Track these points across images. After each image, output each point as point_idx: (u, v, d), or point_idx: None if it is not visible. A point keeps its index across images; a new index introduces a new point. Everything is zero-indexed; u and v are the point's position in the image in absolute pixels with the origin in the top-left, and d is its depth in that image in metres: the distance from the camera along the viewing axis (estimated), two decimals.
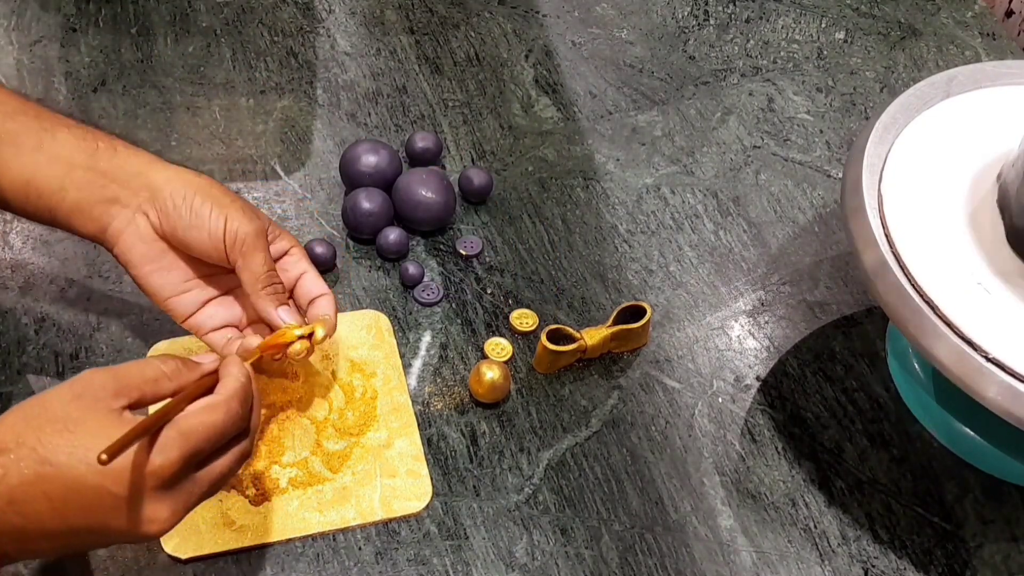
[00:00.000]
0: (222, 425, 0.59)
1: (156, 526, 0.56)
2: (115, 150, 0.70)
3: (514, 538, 0.74)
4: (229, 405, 0.60)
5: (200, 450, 0.58)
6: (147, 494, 0.55)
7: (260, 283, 0.71)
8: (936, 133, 0.80)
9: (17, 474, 0.53)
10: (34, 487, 0.53)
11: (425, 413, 0.80)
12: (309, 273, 0.75)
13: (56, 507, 0.54)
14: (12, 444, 0.54)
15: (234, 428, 0.60)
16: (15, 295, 0.84)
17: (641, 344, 0.86)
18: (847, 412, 0.84)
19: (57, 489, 0.54)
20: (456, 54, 1.08)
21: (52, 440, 0.54)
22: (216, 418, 0.58)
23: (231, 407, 0.60)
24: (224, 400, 0.60)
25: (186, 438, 0.56)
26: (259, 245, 0.71)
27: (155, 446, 0.56)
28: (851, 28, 1.16)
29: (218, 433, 0.58)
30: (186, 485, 0.57)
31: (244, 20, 1.09)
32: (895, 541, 0.77)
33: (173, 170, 0.71)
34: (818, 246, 0.95)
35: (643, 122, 1.04)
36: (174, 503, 0.56)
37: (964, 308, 0.69)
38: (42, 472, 0.53)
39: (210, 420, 0.58)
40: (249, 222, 0.70)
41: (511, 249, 0.92)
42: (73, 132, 0.70)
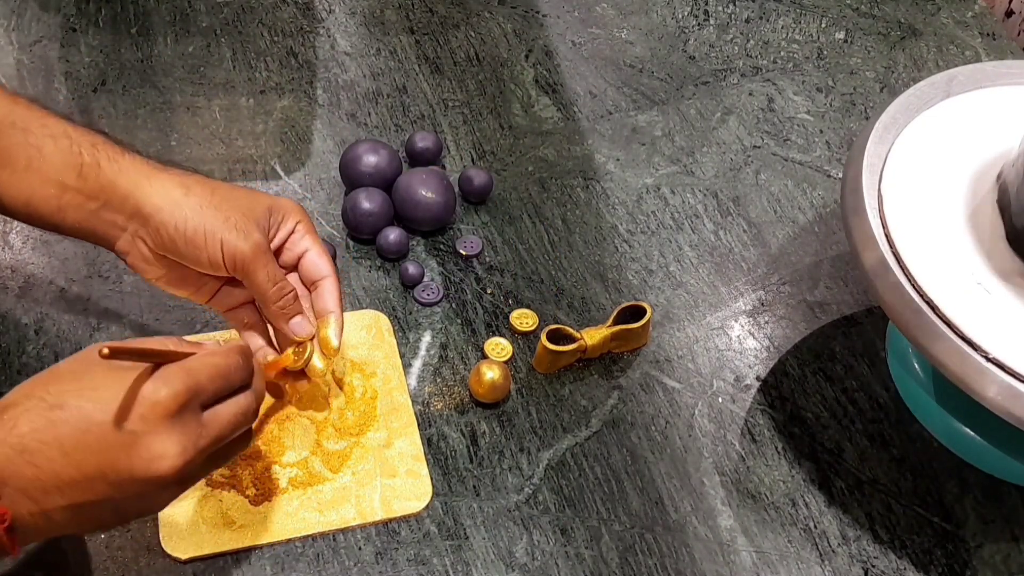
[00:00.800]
0: (224, 367, 0.59)
1: (167, 462, 0.56)
2: (99, 165, 0.68)
3: (514, 538, 0.74)
4: (230, 354, 0.61)
5: (203, 387, 0.58)
6: (154, 426, 0.55)
7: (269, 301, 0.71)
8: (936, 133, 0.80)
9: (27, 422, 0.54)
10: (45, 432, 0.54)
11: (425, 413, 0.80)
12: (311, 251, 0.74)
13: (67, 451, 0.54)
14: (21, 398, 0.55)
15: (237, 376, 0.61)
16: (15, 295, 0.84)
17: (641, 344, 0.86)
18: (847, 412, 0.84)
19: (68, 431, 0.54)
20: (456, 54, 1.08)
21: (61, 387, 0.55)
22: (217, 360, 0.59)
23: (232, 355, 0.61)
24: (225, 349, 0.61)
25: (189, 373, 0.57)
26: (259, 262, 0.70)
27: (158, 376, 0.56)
28: (851, 28, 1.16)
29: (220, 374, 0.59)
30: (193, 424, 0.57)
31: (244, 20, 1.09)
32: (895, 541, 0.77)
33: (159, 189, 0.68)
34: (818, 246, 0.95)
35: (643, 122, 1.04)
36: (181, 438, 0.56)
37: (964, 308, 0.69)
38: (52, 416, 0.54)
39: (212, 361, 0.59)
40: (245, 240, 0.69)
41: (511, 249, 0.92)
42: (59, 145, 0.68)
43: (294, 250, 0.74)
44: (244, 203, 0.71)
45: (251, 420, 0.62)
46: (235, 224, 0.69)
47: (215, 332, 0.82)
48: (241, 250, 0.68)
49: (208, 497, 0.73)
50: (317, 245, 0.74)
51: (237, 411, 0.60)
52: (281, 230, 0.73)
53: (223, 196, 0.70)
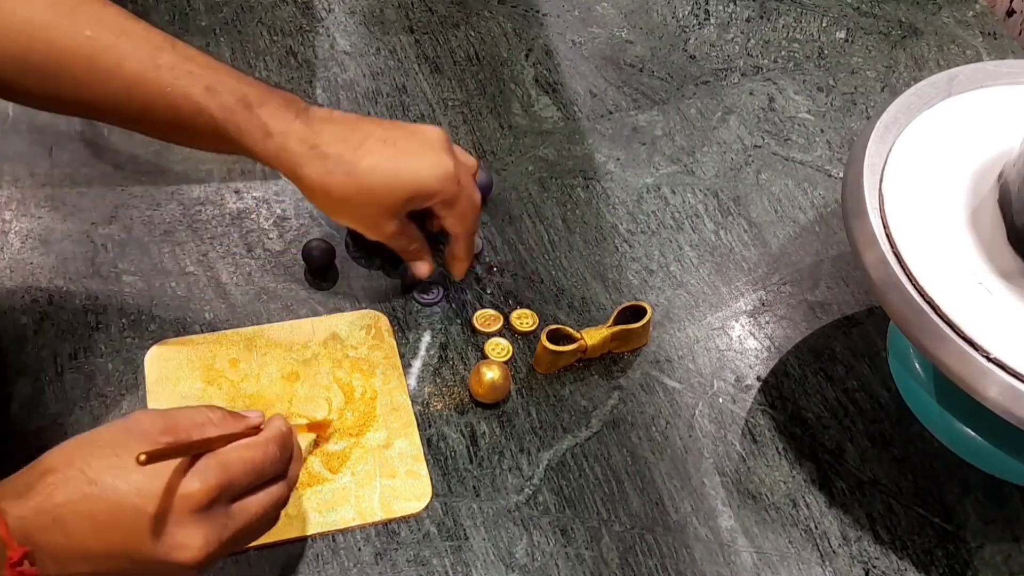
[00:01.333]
0: (260, 461, 0.61)
1: (188, 553, 0.57)
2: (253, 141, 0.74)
3: (514, 539, 0.74)
4: (268, 445, 0.62)
5: (236, 482, 0.59)
6: (182, 518, 0.57)
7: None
8: (937, 133, 0.80)
9: (64, 493, 0.55)
10: (79, 505, 0.55)
11: (425, 413, 0.80)
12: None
13: (98, 527, 0.56)
14: (62, 465, 0.56)
15: (271, 469, 0.62)
16: (15, 295, 0.84)
17: (641, 344, 0.86)
18: (848, 412, 0.84)
19: (101, 509, 0.56)
20: (456, 54, 1.08)
21: (99, 463, 0.56)
22: (255, 454, 0.61)
23: (270, 448, 0.62)
24: (264, 440, 0.62)
25: (224, 467, 0.59)
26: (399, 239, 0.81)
27: (193, 471, 0.58)
28: (852, 27, 1.16)
29: (255, 469, 0.61)
30: (220, 517, 0.59)
31: (244, 19, 1.09)
32: (896, 542, 0.77)
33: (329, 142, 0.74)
34: (819, 246, 0.95)
35: (643, 122, 1.04)
36: (207, 531, 0.58)
37: (965, 308, 0.69)
38: (88, 492, 0.56)
39: (248, 455, 0.61)
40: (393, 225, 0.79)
41: (511, 249, 0.91)
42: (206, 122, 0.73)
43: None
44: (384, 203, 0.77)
45: (281, 508, 0.64)
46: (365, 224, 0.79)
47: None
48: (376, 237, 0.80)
49: None
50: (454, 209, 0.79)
51: (268, 503, 0.62)
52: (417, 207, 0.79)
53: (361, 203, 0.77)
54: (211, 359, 0.80)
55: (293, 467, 0.65)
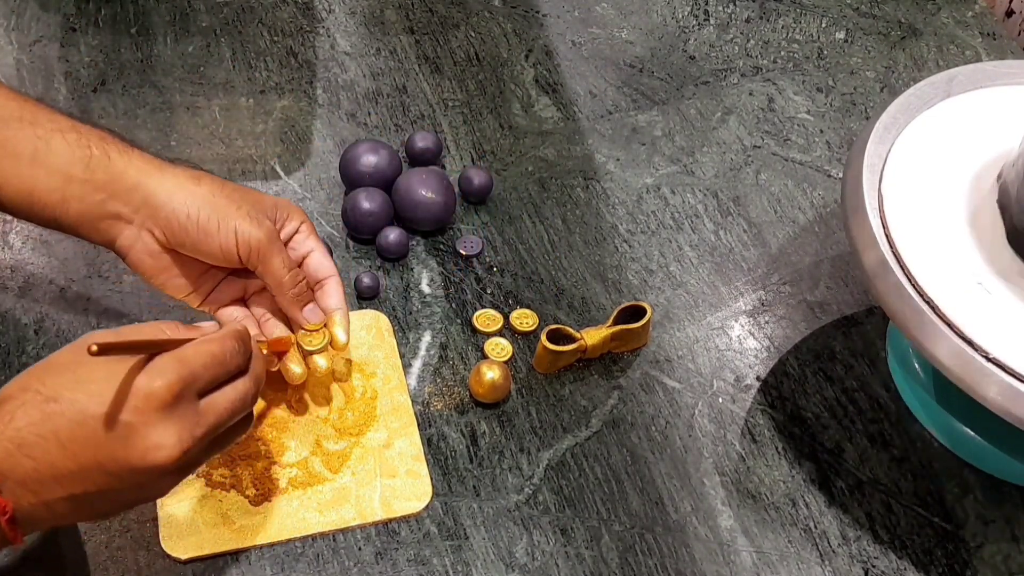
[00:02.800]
0: (219, 354, 0.59)
1: (163, 452, 0.56)
2: (108, 157, 0.68)
3: (514, 538, 0.74)
4: (224, 340, 0.60)
5: (198, 375, 0.58)
6: (149, 416, 0.55)
7: (285, 287, 0.72)
8: (936, 133, 0.80)
9: (24, 415, 0.54)
10: (42, 426, 0.54)
11: (425, 413, 0.80)
12: (315, 252, 0.75)
13: (64, 443, 0.54)
14: (17, 391, 0.55)
15: (233, 361, 0.60)
16: (15, 295, 0.84)
17: (641, 344, 0.86)
18: (847, 412, 0.84)
19: (63, 424, 0.54)
20: (456, 54, 1.08)
21: (55, 380, 0.55)
22: (212, 347, 0.59)
23: (227, 341, 0.60)
24: (220, 335, 0.61)
25: (182, 362, 0.57)
26: (273, 250, 0.71)
27: (151, 368, 0.56)
28: (851, 28, 1.16)
29: (216, 362, 0.59)
30: (189, 413, 0.57)
31: (244, 20, 1.09)
32: (895, 541, 0.77)
33: (171, 180, 0.69)
34: (818, 246, 0.95)
35: (643, 122, 1.04)
36: (178, 428, 0.56)
37: (964, 308, 0.69)
38: (47, 410, 0.54)
39: (206, 348, 0.59)
40: (259, 227, 0.70)
41: (511, 249, 0.92)
42: (67, 138, 0.68)
43: (299, 250, 0.74)
44: (252, 196, 0.72)
45: (250, 405, 0.62)
46: (247, 212, 0.70)
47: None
48: (256, 236, 0.69)
49: (208, 497, 0.73)
50: (321, 246, 0.75)
51: (235, 397, 0.60)
52: (286, 227, 0.74)
53: (233, 188, 0.71)
54: None
55: (256, 363, 0.63)
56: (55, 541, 0.71)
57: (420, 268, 0.89)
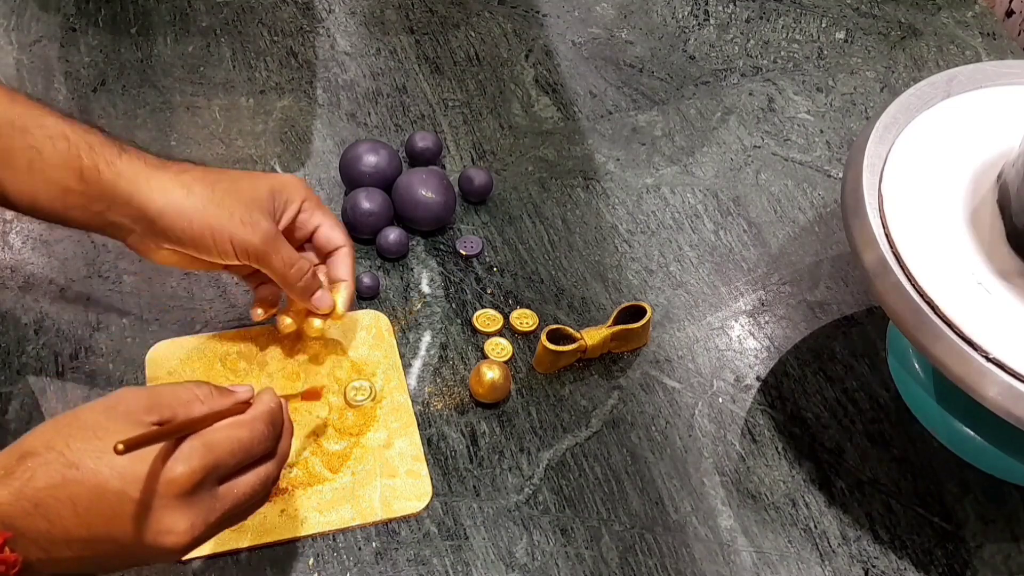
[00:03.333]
0: (247, 441, 0.59)
1: (174, 538, 0.56)
2: (98, 169, 0.67)
3: (514, 538, 0.74)
4: (255, 424, 0.60)
5: (222, 463, 0.58)
6: (166, 502, 0.55)
7: (290, 282, 0.73)
8: (936, 133, 0.80)
9: (44, 476, 0.54)
10: (60, 490, 0.54)
11: (425, 413, 0.80)
12: (324, 225, 0.76)
13: (80, 512, 0.54)
14: (41, 448, 0.55)
15: (260, 447, 0.60)
16: (15, 295, 0.84)
17: (641, 344, 0.86)
18: (847, 412, 0.84)
19: (82, 493, 0.54)
20: (456, 54, 1.08)
21: (80, 445, 0.55)
22: (241, 434, 0.59)
23: (257, 426, 0.60)
24: (251, 419, 0.60)
25: (209, 449, 0.57)
26: (271, 250, 0.71)
27: (176, 454, 0.56)
28: (851, 28, 1.16)
29: (242, 449, 0.59)
30: (206, 499, 0.57)
31: (244, 20, 1.09)
32: (895, 541, 0.77)
33: (159, 193, 0.68)
34: (818, 246, 0.95)
35: (643, 122, 1.04)
36: (193, 515, 0.56)
37: (964, 308, 0.69)
38: (68, 475, 0.54)
39: (235, 435, 0.59)
40: (253, 232, 0.70)
41: (511, 249, 0.92)
42: (57, 148, 0.67)
43: (307, 226, 0.76)
44: (247, 193, 0.71)
45: (270, 487, 0.62)
46: (240, 219, 0.70)
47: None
48: (252, 243, 0.70)
49: None
50: (329, 218, 0.76)
51: (256, 483, 0.60)
52: (288, 210, 0.74)
53: (225, 190, 0.70)
54: (211, 359, 0.80)
55: (284, 442, 0.63)
56: None
57: (420, 268, 0.89)
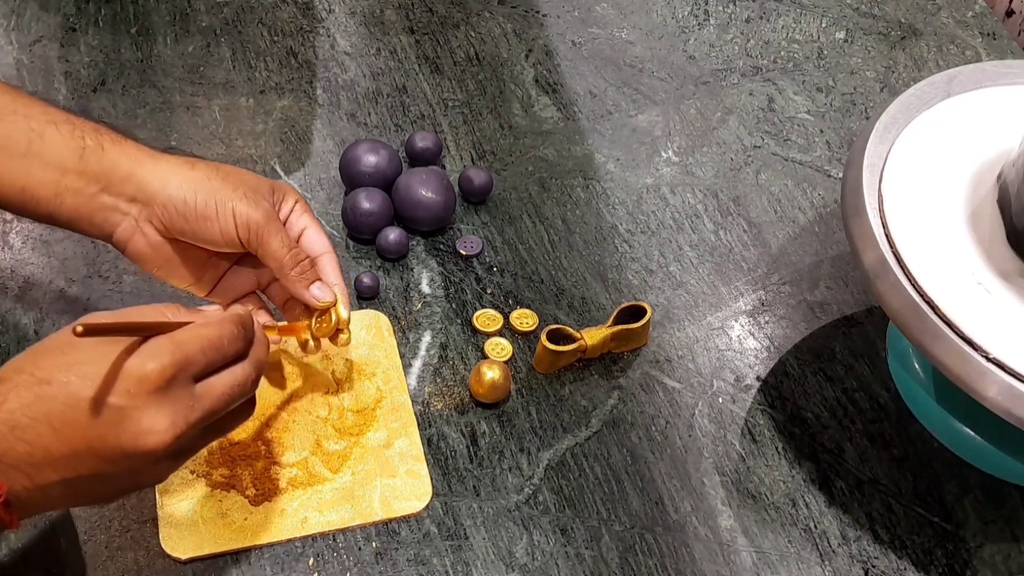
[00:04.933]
0: (216, 338, 0.58)
1: (155, 436, 0.55)
2: (102, 148, 0.68)
3: (514, 538, 0.74)
4: (223, 324, 0.59)
5: (193, 359, 0.57)
6: (141, 400, 0.54)
7: (286, 267, 0.71)
8: (936, 133, 0.80)
9: (17, 398, 0.54)
10: (34, 408, 0.54)
11: (425, 413, 0.80)
12: (309, 229, 0.74)
13: (56, 427, 0.54)
14: (11, 373, 0.55)
15: (231, 347, 0.59)
16: (15, 295, 0.84)
17: (641, 344, 0.86)
18: (847, 412, 0.84)
19: (56, 407, 0.54)
20: (456, 54, 1.08)
21: (48, 362, 0.55)
22: (209, 331, 0.58)
23: (225, 326, 0.59)
24: (219, 319, 0.59)
25: (177, 345, 0.56)
26: (273, 229, 0.70)
27: (144, 350, 0.55)
28: (851, 28, 1.16)
29: (212, 346, 0.58)
30: (183, 397, 0.56)
31: (244, 20, 1.09)
32: (895, 541, 0.77)
33: (164, 167, 0.69)
34: (818, 246, 0.95)
35: (643, 122, 1.04)
36: (171, 412, 0.55)
37: (964, 308, 0.69)
38: (40, 392, 0.54)
39: (203, 332, 0.58)
40: (256, 208, 0.69)
41: (511, 249, 0.92)
42: (61, 129, 0.68)
43: (293, 229, 0.74)
44: (249, 178, 0.71)
45: (249, 391, 0.61)
46: (244, 194, 0.69)
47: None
48: (255, 217, 0.69)
49: (208, 497, 0.73)
50: (315, 224, 0.75)
51: (233, 382, 0.59)
52: (283, 207, 0.73)
53: (227, 172, 0.70)
54: None
55: (257, 348, 0.62)
56: (55, 541, 0.71)
57: (420, 268, 0.89)
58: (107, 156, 0.68)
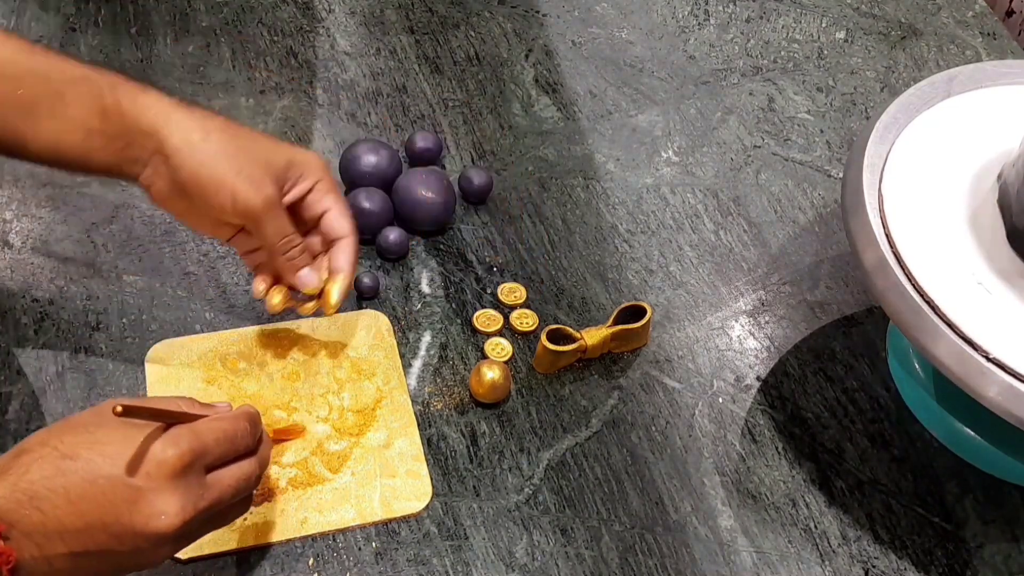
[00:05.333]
0: (231, 432, 0.62)
1: (166, 520, 0.57)
2: (120, 106, 0.69)
3: (514, 538, 0.74)
4: (237, 419, 0.63)
5: (209, 450, 0.60)
6: (157, 484, 0.57)
7: (276, 252, 0.73)
8: (936, 133, 0.80)
9: (39, 469, 0.56)
10: (54, 480, 0.56)
11: (425, 413, 0.80)
12: (332, 211, 0.75)
13: (73, 500, 0.56)
14: (36, 446, 0.57)
15: (243, 442, 0.63)
16: (15, 295, 0.84)
17: (641, 344, 0.86)
18: (847, 412, 0.84)
19: (75, 481, 0.56)
20: (456, 54, 1.08)
21: (73, 439, 0.57)
22: (225, 425, 0.62)
23: (239, 422, 0.63)
24: (233, 415, 0.64)
25: (196, 435, 0.60)
26: (269, 216, 0.71)
27: (166, 438, 0.58)
28: (851, 28, 1.16)
29: (227, 439, 0.61)
30: (195, 485, 0.59)
31: (244, 20, 1.09)
32: (895, 541, 0.77)
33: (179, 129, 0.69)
34: (818, 246, 0.95)
35: (643, 122, 1.04)
36: (182, 498, 0.58)
37: (964, 308, 0.69)
38: (62, 466, 0.56)
39: (219, 426, 0.62)
40: (256, 193, 0.70)
41: (511, 249, 0.92)
42: (79, 89, 0.69)
43: (315, 208, 0.75)
44: (263, 155, 0.72)
45: (252, 486, 0.64)
46: (248, 176, 0.70)
47: (224, 333, 0.82)
48: (252, 203, 0.70)
49: None
50: (339, 204, 0.75)
51: (240, 475, 0.62)
52: (299, 186, 0.74)
53: (241, 146, 0.71)
54: (211, 359, 0.80)
55: (263, 448, 0.66)
56: None
57: (420, 268, 0.89)
58: (127, 116, 0.69)
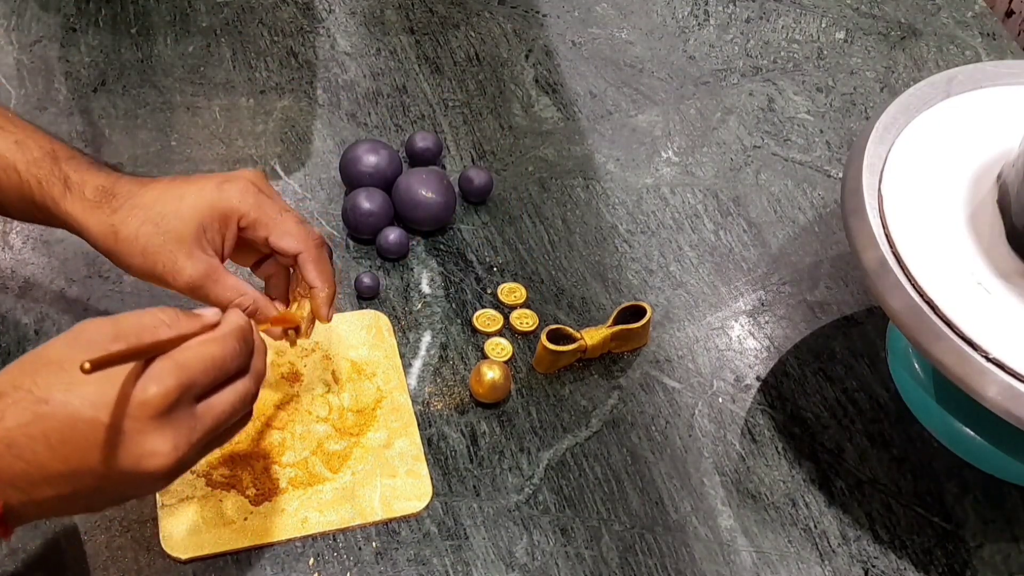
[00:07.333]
0: (220, 357, 0.57)
1: (157, 459, 0.54)
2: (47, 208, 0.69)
3: (514, 538, 0.74)
4: (226, 340, 0.58)
5: (196, 381, 0.56)
6: (144, 424, 0.54)
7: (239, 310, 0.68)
8: (936, 133, 0.80)
9: (14, 416, 0.53)
10: (32, 427, 0.53)
11: (425, 413, 0.80)
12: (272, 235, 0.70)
13: (55, 446, 0.53)
14: (8, 388, 0.54)
15: (234, 363, 0.58)
16: (15, 295, 0.84)
17: (641, 344, 0.86)
18: (847, 412, 0.84)
19: (54, 427, 0.53)
20: (456, 54, 1.08)
21: (47, 379, 0.54)
22: (213, 350, 0.57)
23: (228, 342, 0.58)
24: (221, 335, 0.58)
25: (181, 367, 0.55)
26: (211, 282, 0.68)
27: (147, 374, 0.54)
28: (851, 28, 1.16)
29: (215, 366, 0.57)
30: (186, 419, 0.56)
31: (244, 20, 1.09)
32: (895, 541, 0.77)
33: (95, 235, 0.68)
34: (818, 246, 0.95)
35: (643, 122, 1.04)
36: (175, 436, 0.55)
37: (964, 308, 0.69)
38: (38, 411, 0.53)
39: (206, 352, 0.57)
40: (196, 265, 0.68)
41: (511, 249, 0.92)
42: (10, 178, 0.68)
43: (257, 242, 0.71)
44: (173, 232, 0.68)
45: (249, 404, 0.60)
46: (163, 268, 0.68)
47: None
48: (195, 277, 0.68)
49: (208, 497, 0.73)
50: (277, 225, 0.70)
51: (234, 399, 0.58)
52: (228, 234, 0.70)
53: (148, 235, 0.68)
54: None
55: (257, 359, 0.61)
56: (55, 541, 0.71)
57: (420, 268, 0.89)
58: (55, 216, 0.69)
